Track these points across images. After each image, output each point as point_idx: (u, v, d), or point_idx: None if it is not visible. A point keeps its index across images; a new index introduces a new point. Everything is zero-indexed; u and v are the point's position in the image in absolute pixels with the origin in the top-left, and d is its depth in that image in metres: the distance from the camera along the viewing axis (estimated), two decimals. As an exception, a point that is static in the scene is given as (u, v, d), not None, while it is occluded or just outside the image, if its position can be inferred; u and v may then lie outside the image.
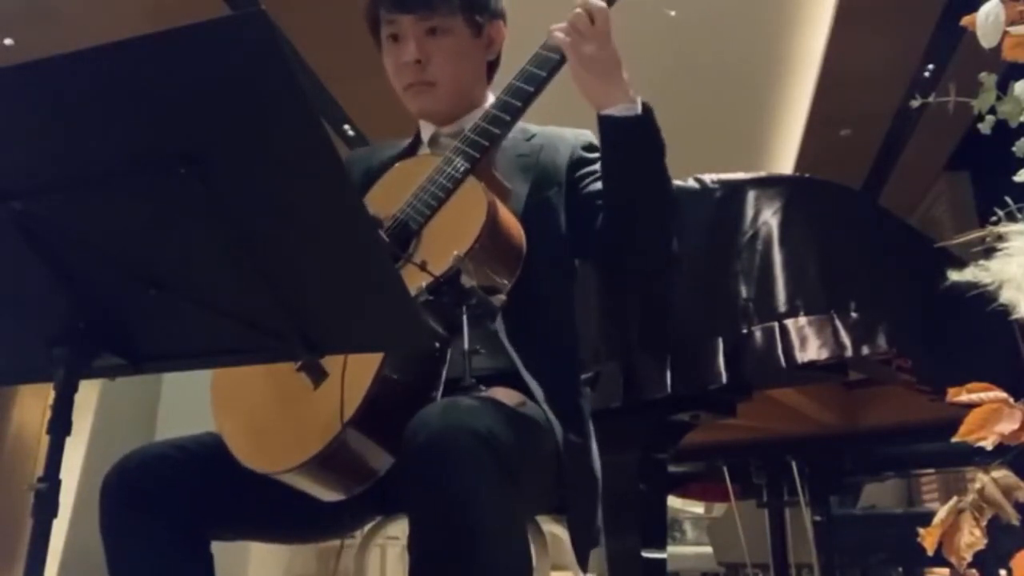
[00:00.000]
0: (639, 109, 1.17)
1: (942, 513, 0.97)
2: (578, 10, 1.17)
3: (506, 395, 1.06)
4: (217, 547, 1.11)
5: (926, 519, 0.99)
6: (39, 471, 0.79)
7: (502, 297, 1.03)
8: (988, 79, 1.03)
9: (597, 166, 1.31)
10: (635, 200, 1.21)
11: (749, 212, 1.57)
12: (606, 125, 1.18)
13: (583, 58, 1.17)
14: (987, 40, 1.00)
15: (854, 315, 1.47)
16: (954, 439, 0.96)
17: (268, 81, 0.68)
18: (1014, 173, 0.99)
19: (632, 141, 1.19)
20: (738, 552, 3.08)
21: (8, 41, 4.78)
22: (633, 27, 1.19)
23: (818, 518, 2.20)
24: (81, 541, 2.90)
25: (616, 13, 1.21)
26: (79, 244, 0.79)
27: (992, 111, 1.03)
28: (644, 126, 1.18)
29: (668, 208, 1.24)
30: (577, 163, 1.32)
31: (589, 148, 1.33)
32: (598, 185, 1.28)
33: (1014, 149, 1.02)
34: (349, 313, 0.83)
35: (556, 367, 1.19)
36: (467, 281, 1.01)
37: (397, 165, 1.29)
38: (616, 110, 1.17)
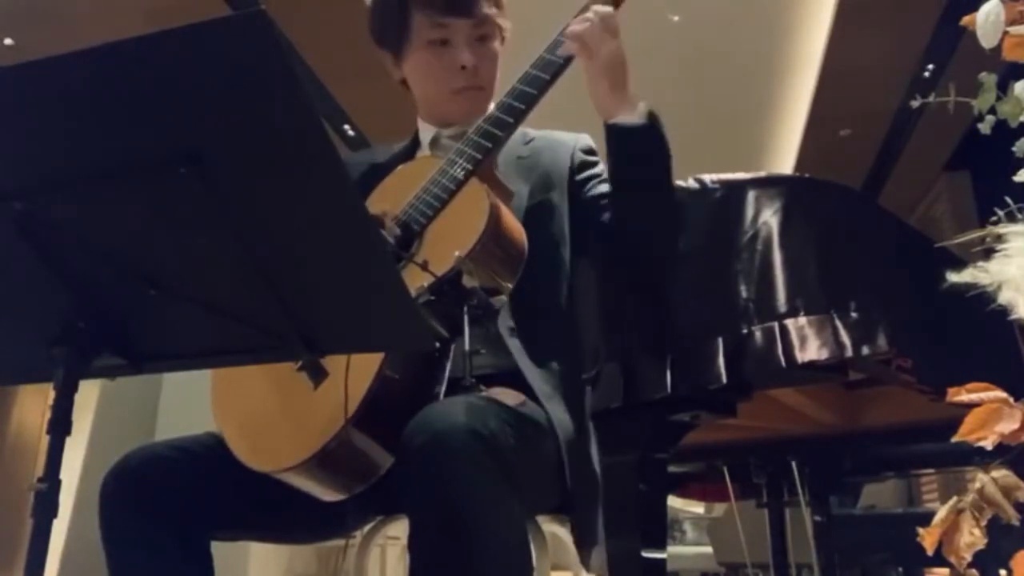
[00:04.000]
0: (644, 118, 1.18)
1: (942, 513, 0.97)
2: (600, 7, 1.18)
3: (506, 395, 1.06)
4: (217, 547, 1.11)
5: (926, 519, 0.99)
6: (39, 471, 0.80)
7: (503, 298, 1.03)
8: (988, 79, 1.02)
9: (599, 168, 1.33)
10: (638, 206, 1.23)
11: (749, 212, 1.57)
12: (614, 133, 1.19)
13: (606, 56, 1.17)
14: (987, 40, 0.99)
15: (854, 315, 1.47)
16: (954, 439, 0.95)
17: (268, 81, 0.68)
18: (1014, 173, 0.98)
19: (637, 151, 1.20)
20: (738, 552, 3.08)
21: (8, 41, 4.79)
22: (633, 27, 1.19)
23: (818, 518, 2.20)
24: (81, 541, 2.90)
25: (617, 13, 1.21)
26: (79, 244, 0.79)
27: (992, 111, 1.02)
28: (649, 134, 1.19)
29: (669, 214, 1.28)
30: (579, 167, 1.33)
31: (589, 151, 1.35)
32: (601, 188, 1.29)
33: (1014, 149, 1.02)
34: (350, 313, 0.83)
35: (560, 366, 1.19)
36: (468, 282, 1.01)
37: (399, 168, 1.29)
38: (623, 118, 1.18)
